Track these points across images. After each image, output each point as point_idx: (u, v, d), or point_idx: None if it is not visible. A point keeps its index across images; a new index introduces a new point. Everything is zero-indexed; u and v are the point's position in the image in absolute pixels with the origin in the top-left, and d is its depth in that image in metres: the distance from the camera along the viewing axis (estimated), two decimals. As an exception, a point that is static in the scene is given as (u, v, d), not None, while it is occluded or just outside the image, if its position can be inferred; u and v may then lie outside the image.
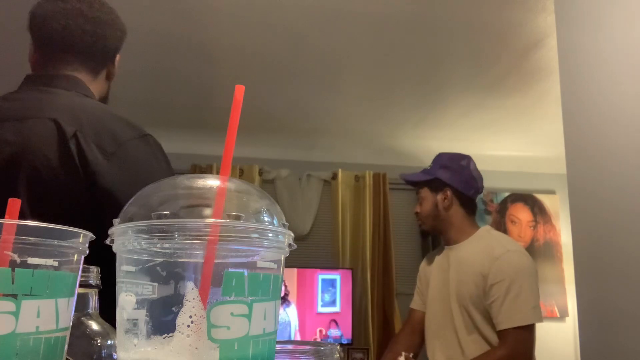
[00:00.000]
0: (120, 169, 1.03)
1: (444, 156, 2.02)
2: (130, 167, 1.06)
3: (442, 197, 1.96)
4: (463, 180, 1.94)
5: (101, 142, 1.03)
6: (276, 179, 4.59)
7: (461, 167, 1.96)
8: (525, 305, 1.71)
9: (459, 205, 1.95)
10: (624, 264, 1.46)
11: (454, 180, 1.95)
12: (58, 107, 1.07)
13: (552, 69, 2.96)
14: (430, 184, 2.00)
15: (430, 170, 2.01)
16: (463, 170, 1.95)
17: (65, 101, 1.11)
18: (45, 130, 1.03)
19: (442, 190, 1.96)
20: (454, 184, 1.94)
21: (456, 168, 1.96)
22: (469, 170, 1.96)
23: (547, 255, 4.88)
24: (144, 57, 3.01)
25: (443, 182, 1.96)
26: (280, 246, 0.42)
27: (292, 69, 3.15)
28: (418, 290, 2.12)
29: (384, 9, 2.51)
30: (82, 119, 1.06)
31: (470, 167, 1.98)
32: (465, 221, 1.95)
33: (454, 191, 1.95)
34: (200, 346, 0.36)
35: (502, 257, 1.77)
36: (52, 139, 1.02)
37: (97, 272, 0.57)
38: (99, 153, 1.02)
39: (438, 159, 2.02)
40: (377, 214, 4.61)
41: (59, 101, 1.10)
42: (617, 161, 1.51)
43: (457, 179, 1.94)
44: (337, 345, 0.57)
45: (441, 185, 1.97)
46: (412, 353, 1.89)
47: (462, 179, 1.94)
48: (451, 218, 1.95)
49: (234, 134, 0.42)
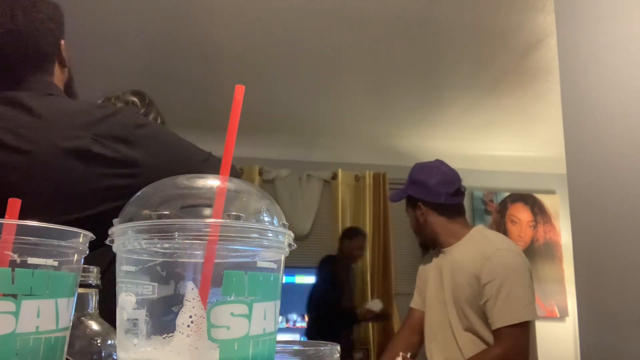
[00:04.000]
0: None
1: (413, 169, 2.03)
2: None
3: (419, 212, 1.97)
4: (429, 190, 1.94)
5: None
6: (276, 179, 4.59)
7: (427, 177, 1.96)
8: (517, 303, 1.71)
9: (435, 215, 1.95)
10: (623, 264, 1.46)
11: (422, 193, 1.96)
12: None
13: (552, 69, 2.96)
14: (408, 200, 2.02)
15: (405, 187, 2.03)
16: (429, 179, 1.95)
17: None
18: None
19: (417, 206, 1.98)
20: (423, 197, 1.95)
21: (422, 179, 1.96)
22: (437, 177, 1.95)
23: (547, 255, 4.88)
24: (144, 57, 3.01)
25: (415, 197, 1.97)
26: (280, 246, 0.42)
27: (292, 69, 3.15)
28: (418, 289, 2.12)
29: (384, 10, 2.51)
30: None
31: (438, 172, 1.96)
32: (451, 226, 1.94)
33: (425, 204, 1.95)
34: (200, 346, 0.36)
35: (493, 257, 1.77)
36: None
37: (97, 272, 0.57)
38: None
39: (410, 173, 2.03)
40: (377, 214, 4.61)
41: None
42: (617, 161, 1.51)
43: (424, 191, 1.95)
44: (337, 345, 0.56)
45: (415, 201, 1.98)
46: (410, 353, 1.89)
47: (428, 189, 1.94)
48: (433, 228, 1.96)
49: (234, 134, 0.42)
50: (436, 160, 2.02)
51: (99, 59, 2.93)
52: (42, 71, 1.16)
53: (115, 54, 2.94)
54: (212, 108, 3.62)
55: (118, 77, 1.47)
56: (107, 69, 2.94)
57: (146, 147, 1.05)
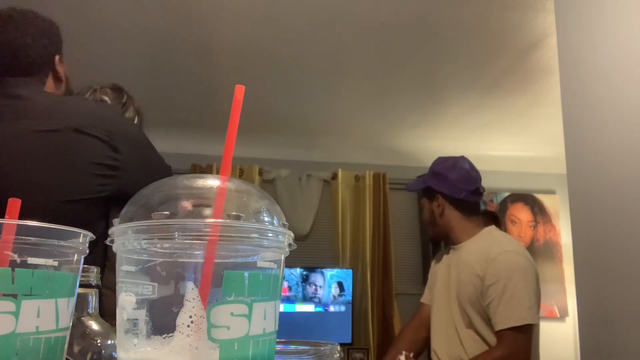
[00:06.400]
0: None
1: (435, 161, 2.03)
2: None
3: (435, 204, 1.96)
4: (451, 184, 1.93)
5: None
6: (276, 179, 4.59)
7: (449, 171, 1.95)
8: (520, 305, 1.70)
9: (453, 209, 1.94)
10: (623, 264, 1.46)
11: (442, 186, 1.94)
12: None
13: (552, 69, 2.96)
14: (425, 192, 2.01)
15: (424, 177, 2.02)
16: (451, 174, 1.94)
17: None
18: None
19: (435, 198, 1.97)
20: (443, 190, 1.94)
21: (444, 173, 1.95)
22: (459, 173, 1.95)
23: (547, 255, 4.88)
24: (145, 57, 3.01)
25: (434, 189, 1.96)
26: (280, 246, 0.42)
27: (292, 69, 3.15)
28: (429, 284, 2.12)
29: (384, 10, 2.51)
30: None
31: (461, 168, 1.96)
32: (465, 223, 1.94)
33: (444, 197, 1.95)
34: (200, 346, 0.36)
35: (498, 258, 1.77)
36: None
37: (97, 272, 0.57)
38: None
39: (432, 165, 2.02)
40: (377, 214, 4.61)
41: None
42: (617, 161, 1.51)
43: (445, 184, 1.94)
44: (337, 345, 0.57)
45: (433, 193, 1.97)
46: (413, 352, 1.89)
47: (451, 183, 1.93)
48: (448, 223, 1.95)
49: (234, 134, 0.42)
50: (461, 156, 2.02)
51: (99, 59, 2.93)
52: (35, 80, 1.21)
53: (115, 54, 2.94)
54: (212, 108, 3.62)
55: (118, 76, 1.47)
56: (107, 68, 2.94)
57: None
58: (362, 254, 4.52)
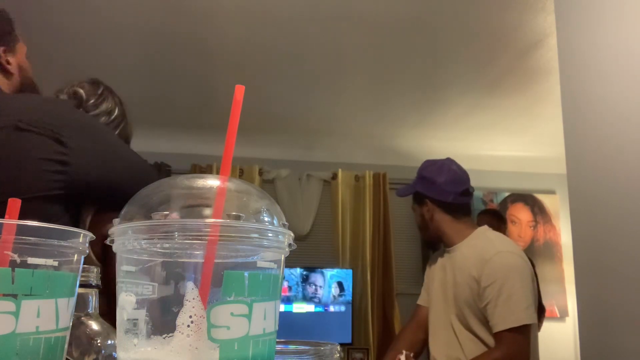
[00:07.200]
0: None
1: (422, 165, 2.02)
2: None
3: (425, 209, 1.96)
4: (439, 188, 1.92)
5: None
6: (276, 179, 4.59)
7: (436, 175, 1.95)
8: (517, 306, 1.70)
9: (442, 213, 1.94)
10: (623, 264, 1.46)
11: (430, 191, 1.94)
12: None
13: (551, 69, 2.96)
14: (415, 197, 2.01)
15: (413, 183, 2.01)
16: (438, 177, 1.94)
17: None
18: None
19: (424, 202, 1.97)
20: (430, 195, 1.94)
21: (431, 177, 1.95)
22: (446, 175, 1.94)
23: (547, 255, 4.88)
24: (145, 57, 3.01)
25: (423, 194, 1.96)
26: (280, 246, 0.42)
27: (292, 69, 3.15)
28: (425, 286, 2.12)
29: (384, 10, 2.51)
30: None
31: (448, 171, 1.95)
32: (456, 225, 1.94)
33: (432, 201, 1.94)
34: (200, 346, 0.36)
35: (493, 259, 1.76)
36: None
37: (97, 272, 0.57)
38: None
39: (419, 169, 2.01)
40: (377, 214, 4.61)
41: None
42: (617, 161, 1.51)
43: (433, 189, 1.93)
44: (337, 345, 0.56)
45: (422, 198, 1.97)
46: (412, 352, 1.89)
47: (438, 187, 1.93)
48: (439, 226, 1.95)
49: (234, 134, 0.42)
50: (447, 158, 2.01)
51: (99, 58, 2.93)
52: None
53: (115, 54, 2.94)
54: (212, 108, 3.62)
55: (118, 76, 1.47)
56: (107, 68, 2.94)
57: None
58: (362, 254, 4.52)
